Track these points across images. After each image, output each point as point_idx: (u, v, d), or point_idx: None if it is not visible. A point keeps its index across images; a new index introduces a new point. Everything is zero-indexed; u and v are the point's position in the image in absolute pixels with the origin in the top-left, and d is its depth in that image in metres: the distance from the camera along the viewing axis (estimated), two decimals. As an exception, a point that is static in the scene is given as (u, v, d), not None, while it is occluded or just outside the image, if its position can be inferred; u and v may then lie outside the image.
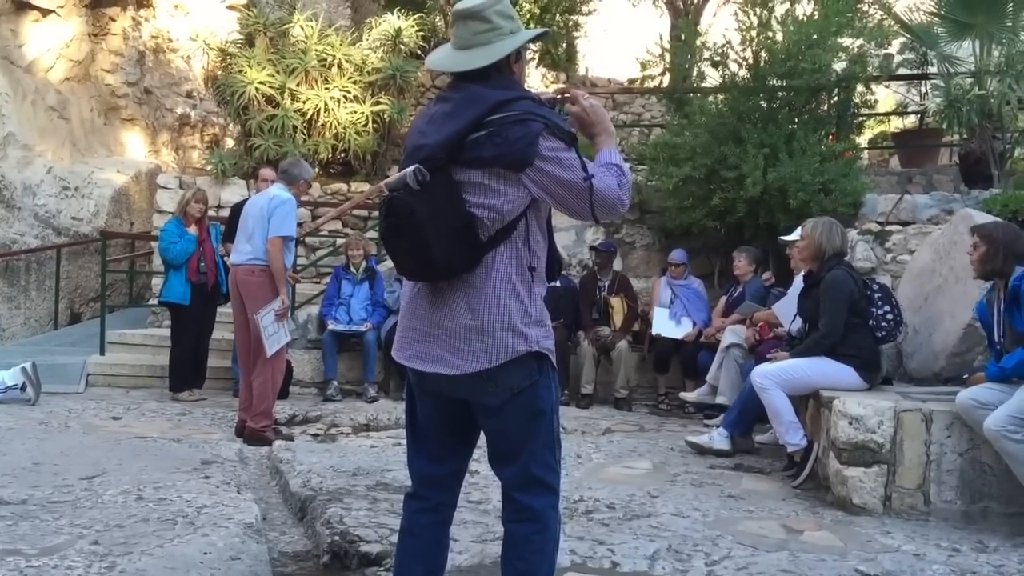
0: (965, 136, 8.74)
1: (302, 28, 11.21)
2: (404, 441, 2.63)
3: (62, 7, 11.33)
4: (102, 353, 8.51)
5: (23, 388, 6.86)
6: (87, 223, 11.21)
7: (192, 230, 7.63)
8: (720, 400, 6.68)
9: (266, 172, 7.66)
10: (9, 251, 10.05)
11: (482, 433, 2.51)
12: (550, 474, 2.42)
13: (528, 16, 14.50)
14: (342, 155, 11.07)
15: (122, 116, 12.94)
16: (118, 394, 7.71)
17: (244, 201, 7.43)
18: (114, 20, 12.56)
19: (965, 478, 4.30)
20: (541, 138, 2.24)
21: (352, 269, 8.23)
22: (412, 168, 2.24)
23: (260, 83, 10.61)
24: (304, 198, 7.41)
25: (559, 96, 2.51)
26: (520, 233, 2.34)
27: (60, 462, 4.81)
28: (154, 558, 3.26)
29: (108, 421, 6.39)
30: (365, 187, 10.72)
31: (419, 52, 11.62)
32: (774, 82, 8.40)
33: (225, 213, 9.05)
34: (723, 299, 7.61)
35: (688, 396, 7.24)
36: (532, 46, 13.24)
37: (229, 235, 7.51)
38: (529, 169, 2.26)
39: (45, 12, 11.10)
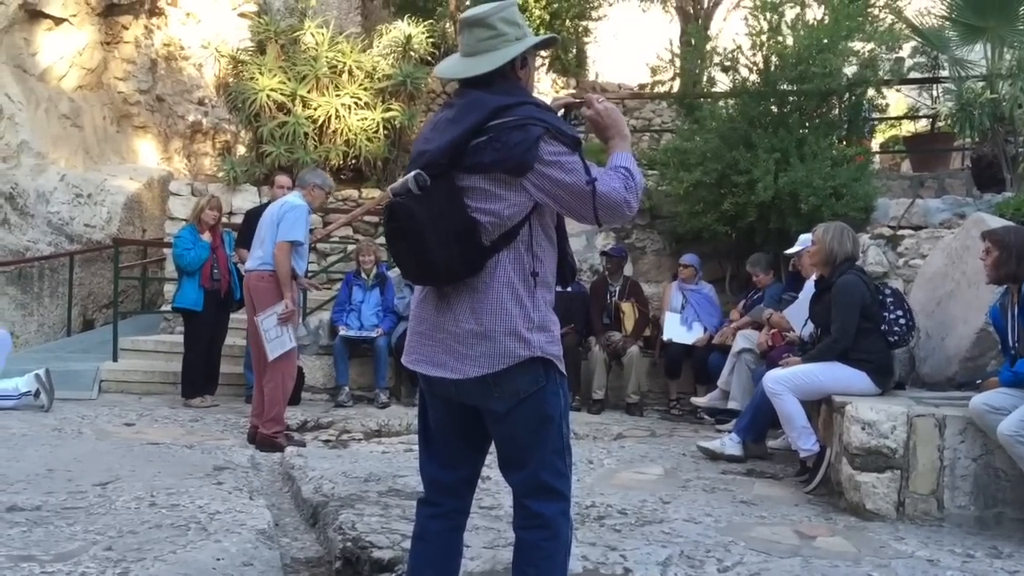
0: (977, 140, 8.70)
1: (313, 35, 11.25)
2: (416, 447, 2.64)
3: (75, 16, 11.41)
4: (115, 359, 8.54)
5: (37, 394, 6.89)
6: (100, 230, 11.27)
7: (206, 237, 7.66)
8: (732, 405, 6.67)
9: (282, 179, 7.70)
10: (23, 258, 10.11)
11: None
12: (560, 480, 2.42)
13: (538, 22, 14.51)
14: (353, 161, 11.11)
15: (134, 123, 13.01)
16: (131, 400, 7.74)
17: (258, 207, 7.46)
18: (126, 28, 12.64)
19: (979, 483, 4.27)
20: (542, 142, 2.25)
21: (363, 275, 8.25)
22: (413, 173, 2.27)
23: (271, 90, 10.66)
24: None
25: (574, 100, 2.52)
26: (523, 238, 2.35)
27: (73, 468, 4.83)
28: (167, 564, 3.27)
29: (121, 427, 6.42)
30: (376, 193, 10.75)
31: (429, 59, 11.67)
32: (785, 87, 8.39)
33: (237, 220, 9.09)
34: (742, 302, 7.58)
35: (699, 401, 7.23)
36: (542, 52, 13.26)
37: (242, 241, 7.55)
38: (530, 174, 2.26)
39: (58, 20, 11.18)
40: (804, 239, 6.26)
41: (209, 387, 7.74)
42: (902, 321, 5.11)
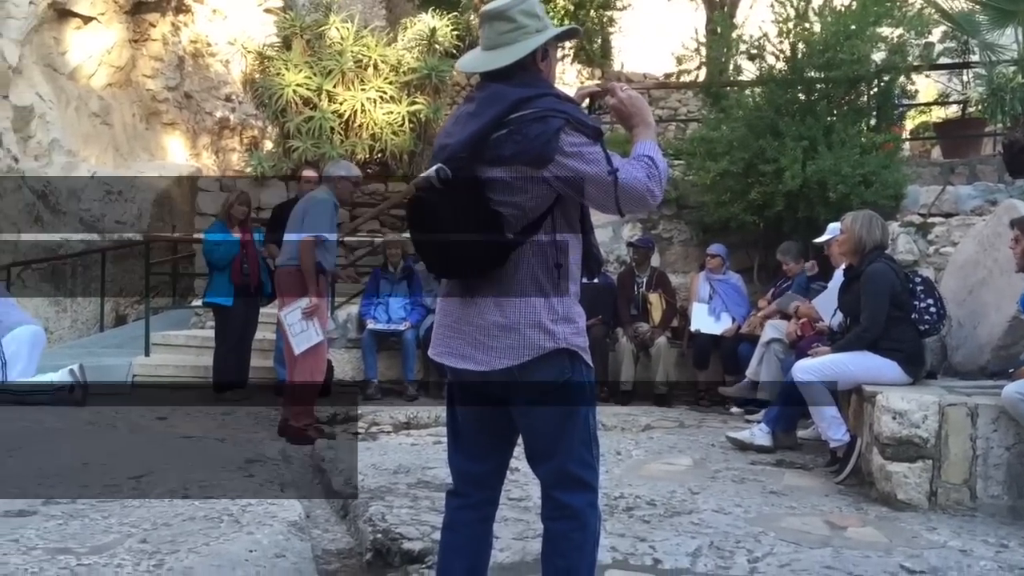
0: (1008, 125, 8.57)
1: (338, 30, 11.30)
2: (444, 439, 2.65)
3: (103, 14, 11.53)
4: (147, 354, 8.64)
5: (71, 389, 6.98)
6: (130, 226, 11.40)
7: (236, 232, 7.72)
8: (761, 395, 6.64)
9: (309, 173, 7.74)
10: (55, 255, 10.25)
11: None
12: (588, 471, 2.42)
13: (563, 13, 14.47)
14: (379, 155, 11.15)
15: (163, 120, 13.15)
16: (163, 394, 7.82)
17: (286, 202, 7.49)
18: (154, 26, 12.76)
19: (1012, 473, 4.22)
20: (562, 133, 2.25)
21: (390, 268, 8.29)
22: (435, 167, 2.28)
23: (297, 85, 10.72)
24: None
25: (598, 89, 2.51)
26: (546, 230, 2.35)
27: (108, 462, 4.88)
28: (201, 556, 3.31)
29: (154, 421, 6.49)
30: (402, 187, 10.78)
31: (454, 51, 11.68)
32: (812, 74, 8.31)
33: (265, 215, 9.15)
34: (771, 291, 7.54)
35: (728, 391, 7.21)
36: (566, 43, 13.22)
37: (271, 236, 7.60)
38: (551, 165, 2.26)
39: (87, 19, 11.31)
40: (833, 228, 6.20)
41: (240, 381, 7.80)
42: (933, 310, 5.05)
